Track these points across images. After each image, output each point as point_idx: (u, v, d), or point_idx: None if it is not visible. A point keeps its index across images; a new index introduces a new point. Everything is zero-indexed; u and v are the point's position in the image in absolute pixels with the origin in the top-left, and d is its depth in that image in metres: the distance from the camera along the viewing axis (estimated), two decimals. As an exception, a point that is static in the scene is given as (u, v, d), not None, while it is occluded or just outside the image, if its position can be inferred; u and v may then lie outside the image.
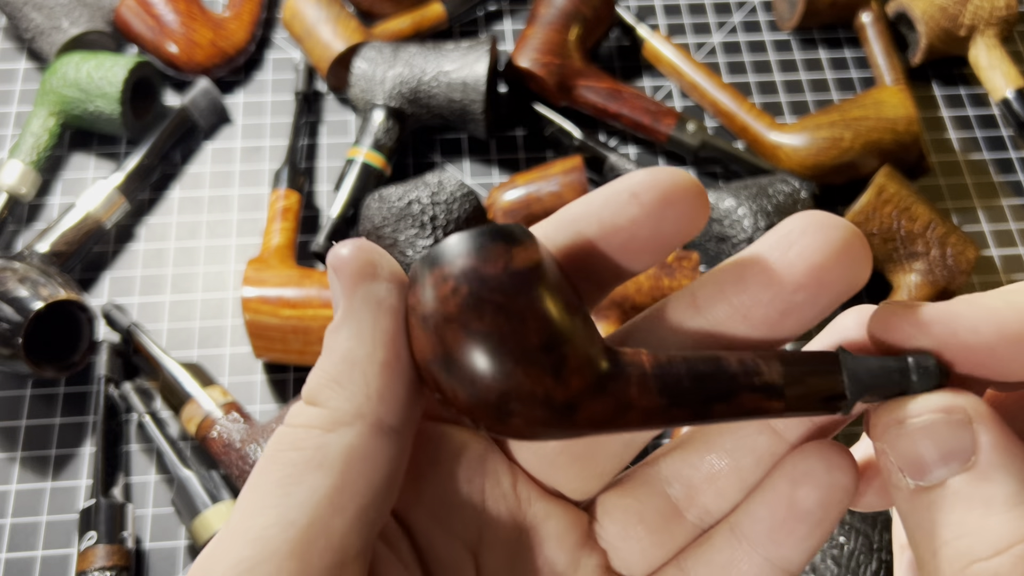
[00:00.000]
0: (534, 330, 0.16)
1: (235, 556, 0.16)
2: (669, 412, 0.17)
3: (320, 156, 0.67)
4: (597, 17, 0.67)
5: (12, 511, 0.53)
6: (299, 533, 0.16)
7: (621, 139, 0.68)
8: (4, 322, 0.51)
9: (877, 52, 0.69)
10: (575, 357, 0.17)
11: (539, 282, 0.16)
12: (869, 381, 0.17)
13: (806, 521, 0.19)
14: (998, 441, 0.16)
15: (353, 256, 0.17)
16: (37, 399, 0.57)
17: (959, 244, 0.59)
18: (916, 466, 0.16)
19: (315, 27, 0.66)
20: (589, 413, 0.17)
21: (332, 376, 0.17)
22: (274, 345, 0.55)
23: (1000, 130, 0.69)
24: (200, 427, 0.53)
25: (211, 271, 0.62)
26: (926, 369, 0.17)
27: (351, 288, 0.17)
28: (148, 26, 0.67)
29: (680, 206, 0.18)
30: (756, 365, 0.17)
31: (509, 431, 0.17)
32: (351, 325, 0.17)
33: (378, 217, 0.57)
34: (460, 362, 0.16)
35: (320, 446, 0.17)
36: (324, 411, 0.17)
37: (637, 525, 0.20)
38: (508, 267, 0.16)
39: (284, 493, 0.16)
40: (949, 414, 0.16)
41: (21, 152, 0.62)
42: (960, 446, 0.16)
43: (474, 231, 0.17)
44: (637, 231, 0.18)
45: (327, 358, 0.18)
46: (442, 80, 0.61)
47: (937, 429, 0.16)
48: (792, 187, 0.58)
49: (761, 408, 0.17)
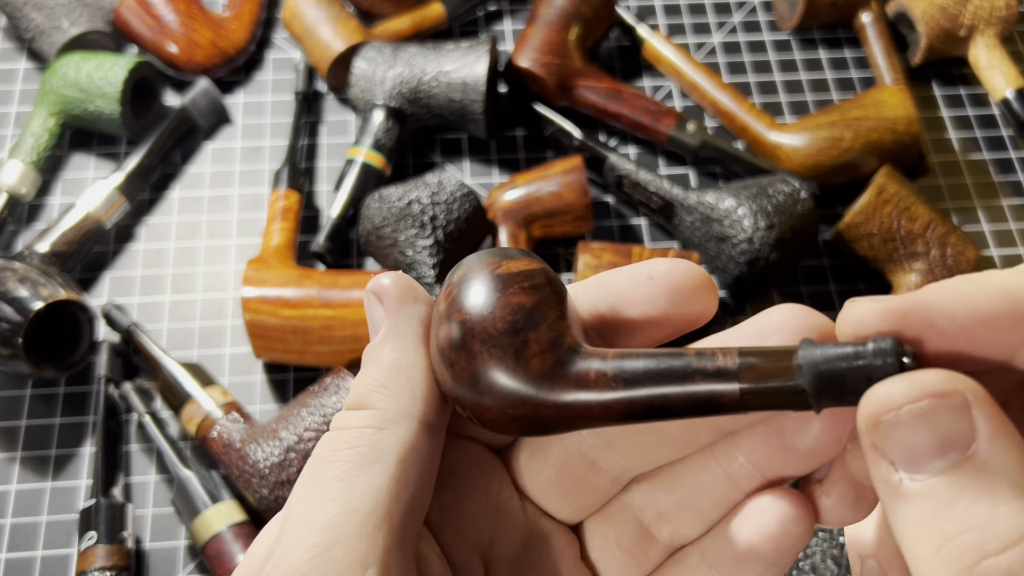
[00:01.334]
0: (500, 317, 0.19)
1: (307, 543, 0.18)
2: (626, 400, 0.18)
3: (320, 156, 0.67)
4: (597, 17, 0.67)
5: (12, 511, 0.53)
6: (364, 519, 0.18)
7: (621, 139, 0.68)
8: (4, 322, 0.51)
9: (877, 52, 0.69)
10: (537, 343, 0.19)
11: (515, 283, 0.19)
12: (823, 364, 0.16)
13: (764, 561, 0.20)
14: (998, 426, 0.15)
15: (395, 283, 0.20)
16: (37, 399, 0.57)
17: (959, 244, 0.59)
18: (911, 458, 0.15)
19: (315, 27, 0.66)
20: (551, 396, 0.19)
21: (379, 382, 0.20)
22: (274, 345, 0.55)
23: (1000, 130, 0.69)
24: (200, 427, 0.53)
25: (211, 271, 0.62)
26: (885, 349, 0.16)
27: (395, 309, 0.20)
28: (148, 26, 0.67)
29: (688, 293, 0.20)
30: (712, 354, 0.18)
31: (487, 417, 0.19)
32: (396, 339, 0.20)
33: (378, 217, 0.57)
34: (444, 350, 0.19)
35: (375, 442, 0.19)
36: (376, 412, 0.19)
37: (615, 549, 0.22)
38: (492, 272, 0.19)
39: (347, 486, 0.18)
40: (946, 398, 0.15)
41: (21, 152, 0.62)
42: (959, 433, 0.15)
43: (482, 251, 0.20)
44: (649, 309, 0.20)
45: (373, 367, 0.20)
46: (442, 80, 0.61)
47: (934, 416, 0.15)
48: (792, 187, 0.58)
49: (715, 395, 0.17)
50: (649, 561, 0.22)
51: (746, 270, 0.57)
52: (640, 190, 0.62)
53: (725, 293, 0.61)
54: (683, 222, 0.61)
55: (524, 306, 0.19)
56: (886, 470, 0.16)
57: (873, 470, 0.16)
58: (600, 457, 0.21)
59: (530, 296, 0.19)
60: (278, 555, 0.18)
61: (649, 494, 0.22)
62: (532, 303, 0.19)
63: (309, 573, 0.17)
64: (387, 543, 0.18)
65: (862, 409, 0.16)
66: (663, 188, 0.61)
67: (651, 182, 0.61)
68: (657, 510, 0.22)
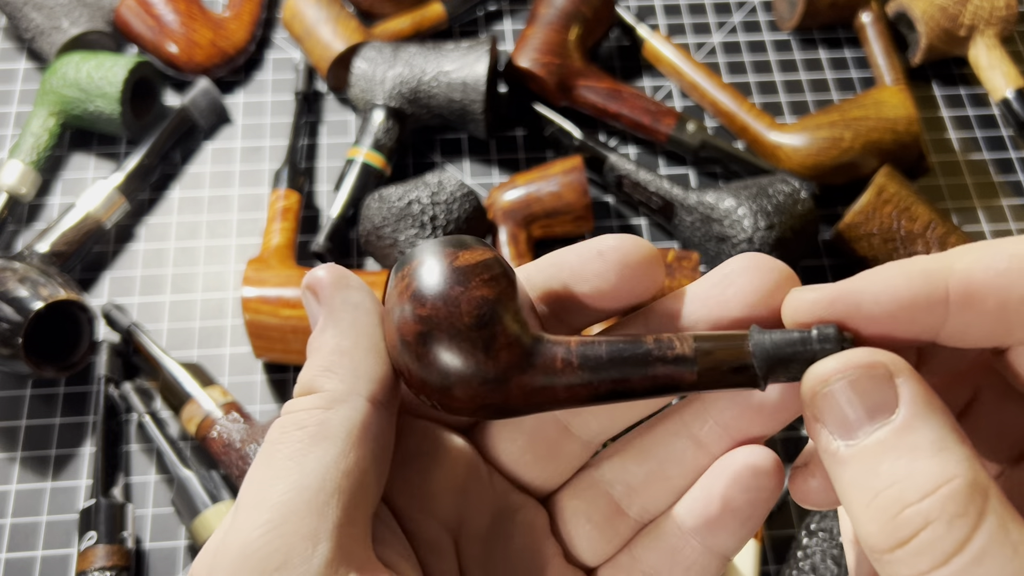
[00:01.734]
0: (467, 312, 0.19)
1: (257, 521, 0.18)
2: (591, 385, 0.19)
3: (320, 156, 0.67)
4: (597, 17, 0.67)
5: (12, 511, 0.53)
6: (313, 495, 0.18)
7: (621, 139, 0.68)
8: (4, 322, 0.51)
9: (877, 52, 0.69)
10: (504, 335, 0.19)
11: (476, 276, 0.19)
12: (773, 350, 0.19)
13: (737, 517, 0.21)
14: (918, 392, 0.17)
15: (328, 274, 0.21)
16: (37, 399, 0.57)
17: (959, 244, 0.59)
18: (844, 425, 0.17)
19: (315, 27, 0.66)
20: (519, 385, 0.19)
21: (324, 367, 0.20)
22: (274, 345, 0.55)
23: (1000, 130, 0.69)
24: (200, 427, 0.53)
25: (211, 271, 0.62)
26: (827, 336, 0.18)
27: (329, 297, 0.21)
28: (148, 26, 0.67)
29: (638, 267, 0.21)
30: (670, 341, 0.19)
31: (455, 405, 0.20)
32: (334, 325, 0.20)
33: (378, 217, 0.57)
34: (410, 344, 0.20)
35: (322, 421, 0.19)
36: (322, 394, 0.20)
37: (586, 524, 0.23)
38: (451, 264, 0.20)
39: (296, 464, 0.18)
40: (870, 369, 0.17)
41: (21, 152, 0.62)
42: (884, 400, 0.17)
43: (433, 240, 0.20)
44: (601, 284, 0.21)
45: (317, 354, 0.20)
46: (442, 80, 0.61)
47: (860, 385, 0.17)
48: (792, 187, 0.58)
49: (674, 379, 0.19)
50: (619, 536, 0.22)
51: (746, 270, 0.57)
52: (640, 190, 0.62)
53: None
54: (683, 222, 0.61)
55: (488, 299, 0.19)
56: (826, 439, 0.18)
57: (817, 442, 0.18)
58: (572, 422, 0.22)
59: (491, 288, 0.19)
60: (230, 536, 0.18)
61: (620, 467, 0.22)
62: (494, 295, 0.19)
63: (260, 549, 0.18)
64: (339, 518, 0.18)
65: (803, 385, 0.18)
66: (663, 188, 0.61)
67: (651, 182, 0.61)
68: (627, 483, 0.22)
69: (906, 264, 0.18)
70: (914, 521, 0.16)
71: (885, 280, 0.18)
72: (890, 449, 0.17)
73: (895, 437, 0.17)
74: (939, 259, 0.18)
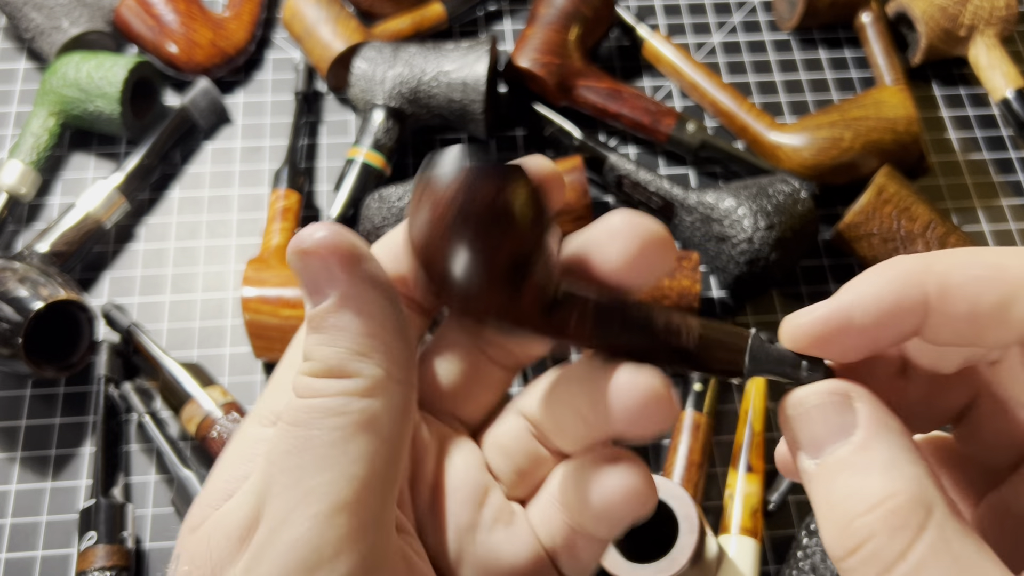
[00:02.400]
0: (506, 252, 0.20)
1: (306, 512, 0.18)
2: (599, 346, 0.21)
3: (320, 156, 0.67)
4: (597, 17, 0.67)
5: (12, 511, 0.53)
6: (362, 484, 0.19)
7: (621, 139, 0.68)
8: (4, 322, 0.51)
9: (877, 52, 0.69)
10: (532, 283, 0.20)
11: (517, 216, 0.19)
12: (766, 366, 0.20)
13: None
14: (874, 415, 0.19)
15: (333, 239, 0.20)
16: (37, 399, 0.57)
17: (959, 244, 0.59)
18: (814, 445, 0.19)
19: (315, 27, 0.66)
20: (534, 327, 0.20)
21: (355, 351, 0.20)
22: (274, 345, 0.55)
23: (1000, 130, 0.69)
24: (200, 427, 0.53)
25: (211, 271, 0.62)
26: (815, 368, 0.20)
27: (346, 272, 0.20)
28: (148, 26, 0.67)
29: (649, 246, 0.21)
30: (678, 329, 0.21)
31: (468, 314, 0.21)
32: (358, 305, 0.20)
33: (378, 217, 0.57)
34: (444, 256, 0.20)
35: (363, 409, 0.19)
36: (359, 380, 0.19)
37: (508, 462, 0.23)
38: (496, 199, 0.19)
39: (341, 452, 0.19)
40: (833, 395, 0.19)
41: (21, 152, 0.62)
42: (844, 423, 0.19)
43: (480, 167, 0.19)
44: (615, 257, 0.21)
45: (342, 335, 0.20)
46: (442, 80, 0.61)
47: (825, 410, 0.19)
48: (792, 187, 0.58)
49: (674, 360, 0.21)
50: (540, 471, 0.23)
51: (746, 270, 0.57)
52: (640, 190, 0.62)
53: (725, 293, 0.61)
54: (683, 222, 0.61)
55: (528, 239, 0.20)
56: (800, 459, 0.20)
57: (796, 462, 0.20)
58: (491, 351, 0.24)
59: (532, 231, 0.20)
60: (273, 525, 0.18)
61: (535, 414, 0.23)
62: (534, 238, 0.20)
63: (313, 540, 0.18)
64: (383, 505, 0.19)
65: (781, 411, 0.20)
66: (663, 188, 0.61)
67: (651, 182, 0.61)
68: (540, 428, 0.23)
69: (888, 267, 0.19)
70: (861, 532, 0.17)
71: (870, 289, 0.19)
72: (848, 466, 0.18)
73: (852, 455, 0.18)
74: (920, 260, 0.19)
